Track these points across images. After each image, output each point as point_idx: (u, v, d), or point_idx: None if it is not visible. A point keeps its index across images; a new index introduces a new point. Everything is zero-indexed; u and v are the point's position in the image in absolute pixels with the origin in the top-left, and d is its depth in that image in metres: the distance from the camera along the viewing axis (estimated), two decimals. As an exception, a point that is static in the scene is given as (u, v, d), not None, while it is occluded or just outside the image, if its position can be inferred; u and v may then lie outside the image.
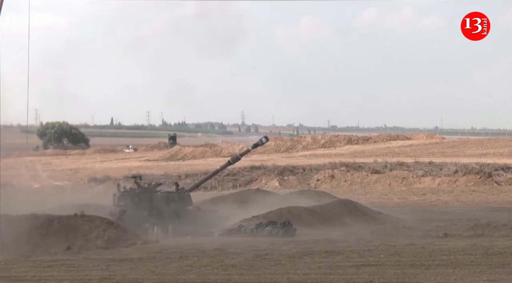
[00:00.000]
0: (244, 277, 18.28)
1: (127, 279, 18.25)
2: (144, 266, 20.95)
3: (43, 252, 24.94)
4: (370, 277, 17.86)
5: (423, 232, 30.18)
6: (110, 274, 19.30)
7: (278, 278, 17.98)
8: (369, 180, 61.66)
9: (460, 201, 49.10)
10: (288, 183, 60.96)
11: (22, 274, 19.54)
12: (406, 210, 42.26)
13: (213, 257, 22.62)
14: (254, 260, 21.66)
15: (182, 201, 33.39)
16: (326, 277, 18.06)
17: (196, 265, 20.96)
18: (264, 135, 40.42)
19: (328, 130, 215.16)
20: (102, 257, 22.99)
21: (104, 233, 26.52)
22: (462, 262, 20.30)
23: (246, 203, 38.17)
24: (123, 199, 32.79)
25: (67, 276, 19.09)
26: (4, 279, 18.56)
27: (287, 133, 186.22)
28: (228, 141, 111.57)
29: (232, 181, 61.14)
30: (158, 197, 33.12)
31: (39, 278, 18.62)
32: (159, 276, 18.82)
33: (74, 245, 25.57)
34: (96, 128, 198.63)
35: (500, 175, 61.73)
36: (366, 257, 21.86)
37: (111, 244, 25.90)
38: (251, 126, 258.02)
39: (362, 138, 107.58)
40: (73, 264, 21.70)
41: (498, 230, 29.43)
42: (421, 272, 18.65)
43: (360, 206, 37.40)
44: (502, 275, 17.96)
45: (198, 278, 18.25)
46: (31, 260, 23.10)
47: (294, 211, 32.92)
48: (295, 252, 22.96)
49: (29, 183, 66.78)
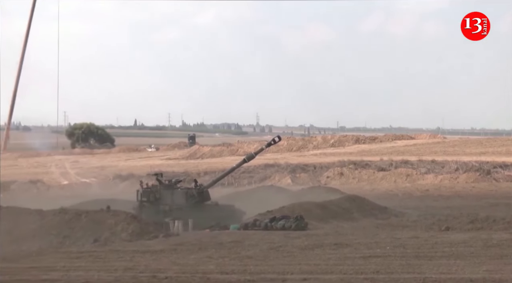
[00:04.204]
0: (259, 268, 18.27)
1: (150, 269, 18.27)
2: (165, 257, 20.97)
3: (72, 244, 25.01)
4: (377, 267, 17.82)
5: (426, 226, 30.11)
6: (134, 264, 19.33)
7: (291, 268, 17.96)
8: (375, 177, 61.58)
9: (460, 196, 49.02)
10: (300, 180, 60.91)
11: (53, 264, 19.60)
12: (410, 205, 42.18)
13: (230, 249, 22.61)
14: (268, 252, 21.64)
15: (201, 197, 33.45)
16: (336, 267, 18.03)
17: (214, 256, 20.96)
18: (277, 135, 40.36)
19: (337, 131, 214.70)
20: (126, 249, 23.02)
21: (128, 226, 26.55)
22: (462, 254, 20.23)
23: (260, 199, 38.18)
24: (145, 195, 32.89)
25: (94, 266, 19.13)
26: (36, 269, 18.62)
27: (299, 133, 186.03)
28: (243, 141, 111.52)
29: (248, 178, 61.10)
30: (179, 193, 33.20)
31: (68, 268, 18.67)
32: (180, 266, 18.83)
33: (100, 237, 25.60)
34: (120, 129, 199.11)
35: (498, 172, 61.65)
36: (373, 249, 21.81)
37: (135, 237, 25.92)
38: (265, 127, 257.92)
39: (369, 138, 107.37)
40: (100, 255, 21.74)
41: (496, 223, 29.31)
42: (425, 263, 18.59)
43: (367, 201, 37.33)
44: (500, 265, 17.90)
45: (216, 269, 18.24)
46: (61, 252, 23.17)
47: (306, 206, 32.89)
48: (306, 244, 22.92)
49: (58, 180, 67.08)
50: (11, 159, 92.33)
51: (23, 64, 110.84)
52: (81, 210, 28.30)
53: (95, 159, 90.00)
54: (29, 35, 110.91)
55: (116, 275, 17.23)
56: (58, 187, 60.67)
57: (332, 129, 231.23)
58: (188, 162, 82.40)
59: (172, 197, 32.76)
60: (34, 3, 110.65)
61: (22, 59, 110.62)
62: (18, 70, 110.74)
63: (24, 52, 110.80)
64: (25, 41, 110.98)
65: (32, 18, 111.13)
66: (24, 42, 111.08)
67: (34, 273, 17.81)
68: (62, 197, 42.96)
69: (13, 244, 25.17)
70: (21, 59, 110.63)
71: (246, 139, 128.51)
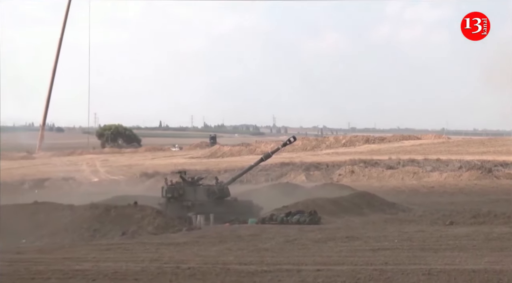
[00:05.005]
0: (275, 259, 18.28)
1: (174, 260, 18.30)
2: (188, 249, 21.01)
3: (102, 237, 25.13)
4: (386, 259, 17.79)
5: (431, 220, 30.04)
6: (159, 256, 19.37)
7: (305, 259, 17.96)
8: (384, 175, 61.42)
9: (464, 193, 48.84)
10: (314, 177, 60.81)
11: (84, 256, 19.67)
12: (417, 201, 42.07)
13: (249, 242, 22.63)
14: (284, 244, 21.65)
15: (221, 193, 33.47)
16: (347, 259, 18.02)
17: (234, 248, 20.98)
18: (292, 136, 40.34)
19: (349, 132, 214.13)
20: (152, 241, 23.09)
21: (154, 220, 26.64)
22: (465, 246, 20.18)
23: (277, 195, 38.16)
24: (170, 191, 32.93)
25: (123, 257, 19.19)
26: (69, 260, 18.69)
27: (312, 134, 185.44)
28: (261, 141, 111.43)
29: (265, 176, 61.04)
30: (201, 189, 33.23)
31: (99, 259, 18.73)
32: (202, 257, 18.86)
33: (128, 231, 25.72)
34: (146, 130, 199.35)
35: (499, 170, 61.40)
36: (381, 242, 21.79)
37: (160, 230, 26.01)
38: (281, 128, 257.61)
39: (378, 139, 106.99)
40: (128, 247, 21.81)
41: (497, 218, 29.21)
42: (430, 255, 18.56)
43: (376, 198, 37.27)
44: (500, 257, 17.85)
45: (236, 260, 18.26)
46: (91, 244, 23.27)
47: (319, 201, 32.88)
48: (319, 238, 22.92)
49: (89, 177, 67.29)
50: (45, 157, 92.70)
51: (57, 69, 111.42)
52: (110, 205, 28.42)
53: (123, 158, 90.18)
54: (62, 42, 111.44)
55: (142, 266, 17.28)
56: (89, 184, 60.82)
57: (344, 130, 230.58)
58: (209, 160, 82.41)
59: (195, 193, 32.81)
60: (67, 12, 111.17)
61: (55, 65, 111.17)
62: (52, 75, 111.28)
63: (57, 58, 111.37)
64: (59, 48, 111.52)
65: (65, 26, 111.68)
66: (58, 49, 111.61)
67: (67, 264, 17.88)
68: (92, 193, 43.07)
69: (48, 237, 25.33)
70: (54, 64, 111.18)
71: (263, 139, 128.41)
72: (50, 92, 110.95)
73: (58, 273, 16.37)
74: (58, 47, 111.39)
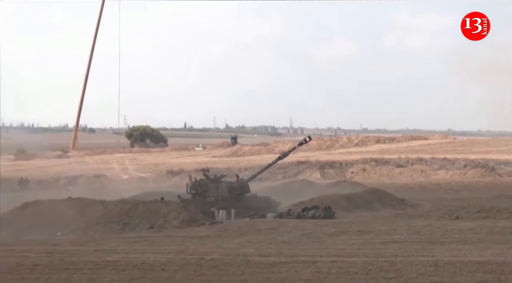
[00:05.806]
0: (292, 251, 18.29)
1: (198, 252, 18.35)
2: (211, 242, 21.05)
3: (131, 230, 25.21)
4: (395, 251, 17.77)
5: (438, 215, 29.96)
6: (184, 248, 19.43)
7: (320, 252, 17.96)
8: (394, 173, 61.24)
9: (468, 189, 48.69)
10: (328, 175, 60.75)
11: (114, 248, 19.76)
12: (425, 197, 41.97)
13: (267, 235, 22.66)
14: (300, 238, 21.66)
15: (242, 189, 33.50)
16: (359, 251, 18.01)
17: (254, 241, 21.01)
18: (308, 136, 40.31)
19: (361, 132, 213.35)
20: (177, 235, 23.16)
21: (179, 215, 26.67)
22: (470, 239, 20.12)
23: (293, 191, 38.17)
24: (194, 188, 32.99)
25: (150, 249, 19.26)
26: (100, 251, 18.79)
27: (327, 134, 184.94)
28: (279, 141, 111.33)
29: (282, 173, 61.02)
30: (223, 186, 33.26)
31: (128, 251, 18.81)
32: (224, 250, 18.90)
33: (155, 224, 25.77)
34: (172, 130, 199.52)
35: (501, 168, 61.11)
36: (391, 235, 21.75)
37: (185, 224, 26.05)
38: (298, 129, 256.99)
39: (388, 139, 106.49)
40: (155, 240, 21.89)
41: (500, 213, 29.08)
42: (437, 247, 18.52)
43: (387, 194, 37.19)
44: (503, 250, 17.79)
45: (255, 252, 18.29)
46: (121, 237, 23.37)
47: (333, 197, 32.85)
48: (333, 231, 22.91)
49: (119, 175, 67.54)
50: (79, 156, 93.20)
51: (89, 75, 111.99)
52: (138, 200, 28.52)
53: (150, 157, 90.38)
54: (94, 49, 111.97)
55: (168, 257, 17.33)
56: (119, 181, 61.04)
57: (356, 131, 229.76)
58: (230, 159, 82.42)
59: (217, 190, 32.84)
60: (99, 22, 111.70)
61: (88, 70, 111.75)
62: (85, 80, 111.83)
63: (90, 64, 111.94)
64: (91, 55, 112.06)
65: (97, 34, 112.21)
66: (90, 56, 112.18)
67: (99, 255, 17.97)
68: (122, 190, 43.17)
69: (81, 230, 25.44)
70: (87, 70, 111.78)
71: (281, 139, 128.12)
72: (83, 96, 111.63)
73: (90, 264, 16.45)
74: (91, 54, 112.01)
